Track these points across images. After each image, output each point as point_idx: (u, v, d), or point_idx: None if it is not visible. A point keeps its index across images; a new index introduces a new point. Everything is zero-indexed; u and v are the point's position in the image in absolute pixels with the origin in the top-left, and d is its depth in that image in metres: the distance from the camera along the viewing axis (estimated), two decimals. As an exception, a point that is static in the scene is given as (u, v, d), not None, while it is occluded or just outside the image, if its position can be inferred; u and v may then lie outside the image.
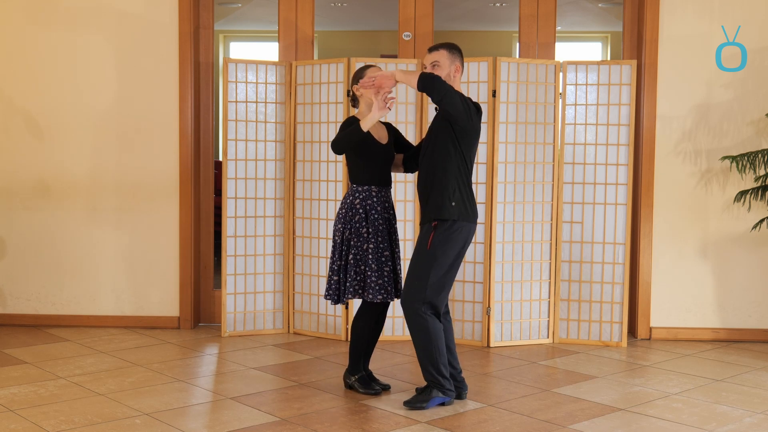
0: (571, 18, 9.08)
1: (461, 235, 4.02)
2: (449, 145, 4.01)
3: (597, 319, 5.46)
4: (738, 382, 4.63)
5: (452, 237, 4.00)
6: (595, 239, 5.46)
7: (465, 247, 4.07)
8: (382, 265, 4.17)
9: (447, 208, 3.99)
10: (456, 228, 4.00)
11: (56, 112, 5.76)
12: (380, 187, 4.22)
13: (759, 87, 5.51)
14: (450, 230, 3.99)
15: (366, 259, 4.15)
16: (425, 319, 4.00)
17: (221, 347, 5.32)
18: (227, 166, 5.59)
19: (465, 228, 4.02)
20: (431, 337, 4.01)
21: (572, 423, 3.88)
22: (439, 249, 3.98)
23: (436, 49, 4.12)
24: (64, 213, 5.79)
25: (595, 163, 5.46)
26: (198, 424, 3.83)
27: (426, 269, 3.99)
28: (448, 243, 3.99)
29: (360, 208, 4.17)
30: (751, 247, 5.56)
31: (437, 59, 4.09)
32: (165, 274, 5.78)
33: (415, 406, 4.02)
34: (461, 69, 4.14)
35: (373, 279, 4.14)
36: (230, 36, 10.28)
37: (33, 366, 4.78)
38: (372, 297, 4.14)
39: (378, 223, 4.17)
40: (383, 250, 4.18)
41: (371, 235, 4.15)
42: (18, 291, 5.85)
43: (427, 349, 4.03)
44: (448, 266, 4.02)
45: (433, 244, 3.99)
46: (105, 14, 5.72)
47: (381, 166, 4.22)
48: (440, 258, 3.99)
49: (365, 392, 4.27)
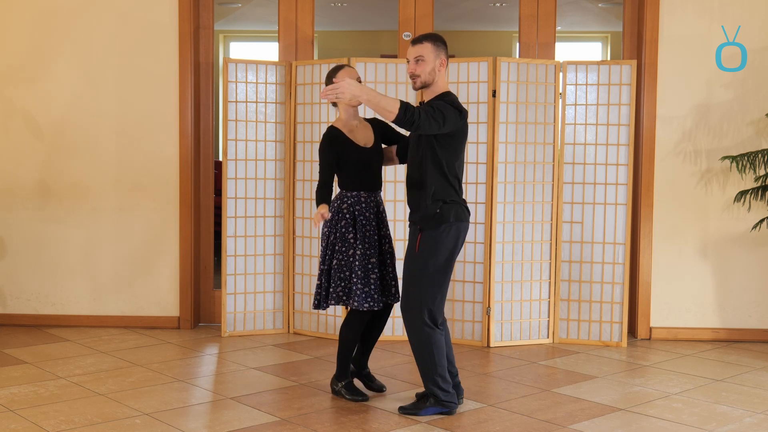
0: (571, 18, 9.09)
1: (449, 237, 3.86)
2: (432, 147, 3.85)
3: (597, 319, 5.46)
4: (738, 382, 4.63)
5: (440, 239, 3.86)
6: (595, 239, 5.46)
7: (457, 247, 3.91)
8: (369, 272, 4.05)
9: (431, 213, 3.86)
10: (443, 230, 3.85)
11: (56, 112, 5.77)
12: (369, 192, 4.12)
13: (759, 87, 5.51)
14: (436, 233, 3.85)
15: (351, 265, 4.05)
16: (426, 332, 3.89)
17: (221, 347, 5.32)
18: (227, 166, 5.59)
19: (453, 228, 3.87)
20: (432, 349, 3.90)
21: (572, 423, 3.88)
22: (428, 252, 3.86)
23: (419, 41, 3.88)
24: (64, 213, 5.79)
25: (595, 163, 5.46)
26: (198, 424, 3.83)
27: (418, 275, 3.88)
28: (437, 246, 3.86)
29: (347, 213, 4.07)
30: (751, 247, 5.56)
31: (421, 53, 3.86)
32: (165, 274, 5.78)
33: (408, 413, 3.97)
34: (446, 62, 3.92)
35: (358, 286, 4.03)
36: (230, 36, 10.29)
37: (33, 366, 4.78)
38: (357, 305, 4.03)
39: (366, 229, 4.08)
40: (370, 257, 4.07)
41: (358, 241, 4.05)
42: (18, 291, 5.85)
43: (427, 361, 3.92)
44: (440, 269, 3.87)
45: (421, 249, 3.88)
46: (105, 14, 5.72)
47: (367, 171, 4.12)
48: (430, 262, 3.86)
49: (352, 399, 4.17)
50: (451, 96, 3.90)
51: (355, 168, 4.09)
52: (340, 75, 4.06)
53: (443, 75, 3.93)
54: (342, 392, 4.22)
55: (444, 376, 3.94)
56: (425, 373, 3.95)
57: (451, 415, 3.97)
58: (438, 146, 3.84)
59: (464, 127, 3.89)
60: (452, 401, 3.98)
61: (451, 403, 3.97)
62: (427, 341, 3.90)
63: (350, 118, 4.15)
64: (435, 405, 3.96)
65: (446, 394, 3.95)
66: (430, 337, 3.90)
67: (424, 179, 3.89)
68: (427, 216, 3.88)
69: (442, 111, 3.74)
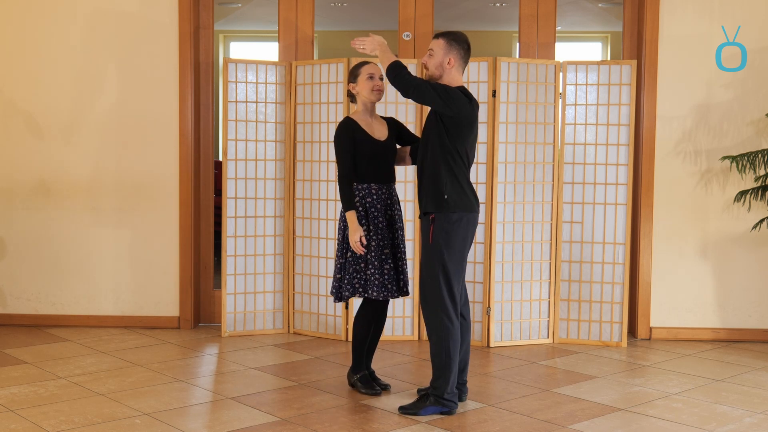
0: (571, 18, 9.08)
1: (460, 226, 3.94)
2: (440, 137, 3.93)
3: (597, 319, 5.46)
4: (738, 382, 4.62)
5: (452, 229, 3.92)
6: (595, 239, 5.46)
7: (469, 237, 3.99)
8: (383, 263, 4.14)
9: (441, 202, 3.93)
10: (455, 219, 3.92)
11: (56, 112, 5.76)
12: (380, 184, 4.19)
13: (759, 87, 5.51)
14: (448, 222, 3.92)
15: (366, 256, 4.13)
16: (445, 324, 3.92)
17: (221, 347, 5.32)
18: (227, 166, 5.59)
19: (464, 218, 3.94)
20: (449, 342, 3.93)
21: (572, 423, 3.88)
22: (442, 241, 3.92)
23: (436, 37, 4.04)
24: (64, 213, 5.79)
25: (595, 163, 5.46)
26: (198, 424, 3.83)
27: (435, 265, 3.93)
28: (450, 235, 3.93)
29: (359, 205, 4.14)
30: (751, 247, 5.56)
31: (433, 47, 4.02)
32: (165, 274, 5.78)
33: (408, 413, 3.97)
34: (456, 63, 4.00)
35: (376, 276, 4.11)
36: (230, 36, 10.29)
37: (33, 366, 4.78)
38: (375, 294, 4.12)
39: (378, 220, 4.15)
40: (383, 248, 4.15)
41: (371, 233, 4.13)
42: (18, 291, 5.85)
43: (442, 354, 3.94)
44: (456, 257, 3.94)
45: (435, 238, 3.94)
46: (105, 14, 5.71)
47: (380, 163, 4.19)
48: (445, 250, 3.92)
49: (366, 392, 4.26)
50: (462, 88, 3.99)
51: (367, 159, 4.16)
52: (363, 70, 4.22)
53: (452, 73, 4.01)
54: (357, 385, 4.30)
55: (455, 371, 3.97)
56: (438, 365, 3.95)
57: (452, 415, 3.97)
58: (446, 133, 3.92)
59: (471, 115, 3.95)
60: (453, 400, 3.98)
61: (452, 402, 3.98)
62: (446, 334, 3.93)
63: (367, 112, 4.26)
64: (435, 404, 3.96)
65: (450, 393, 3.97)
66: (449, 330, 3.93)
67: (433, 169, 3.96)
68: (436, 204, 3.94)
69: (446, 89, 3.89)
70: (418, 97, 3.90)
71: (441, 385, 3.96)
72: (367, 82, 4.20)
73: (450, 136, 3.92)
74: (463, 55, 4.04)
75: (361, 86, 4.21)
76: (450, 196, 3.93)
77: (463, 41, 4.04)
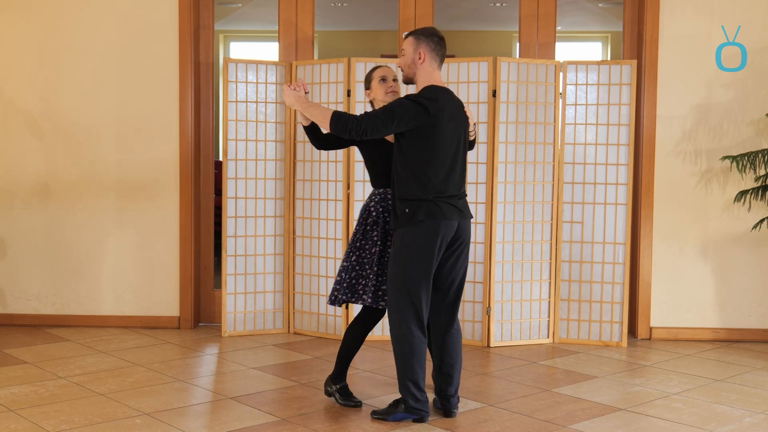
0: (571, 18, 9.09)
1: (422, 235, 3.72)
2: (400, 147, 3.78)
3: (597, 318, 5.46)
4: (738, 382, 4.63)
5: (413, 239, 3.73)
6: (595, 239, 5.46)
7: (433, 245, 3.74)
8: (385, 270, 4.01)
9: (401, 215, 3.77)
10: (415, 229, 3.72)
11: (56, 112, 5.77)
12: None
13: (759, 87, 5.51)
14: (408, 232, 3.75)
15: (372, 262, 4.01)
16: (405, 334, 3.78)
17: (221, 347, 5.32)
18: (227, 166, 5.59)
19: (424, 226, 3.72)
20: (409, 353, 3.79)
21: (572, 423, 3.88)
22: (404, 252, 3.77)
23: (406, 36, 3.87)
24: (64, 213, 5.79)
25: (595, 163, 5.46)
26: (198, 424, 3.83)
27: (396, 275, 3.79)
28: (410, 245, 3.75)
29: (373, 210, 4.05)
30: (751, 247, 5.56)
31: (404, 47, 3.85)
32: (165, 274, 5.78)
33: (378, 417, 3.89)
34: (427, 57, 3.79)
35: (379, 283, 3.99)
36: (230, 36, 10.29)
37: (33, 366, 4.78)
38: (371, 302, 3.97)
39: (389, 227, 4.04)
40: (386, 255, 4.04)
41: (379, 238, 4.02)
42: (18, 291, 5.85)
43: (402, 364, 3.82)
44: (417, 268, 3.74)
45: (397, 248, 3.80)
46: (105, 14, 5.72)
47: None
48: (405, 262, 3.76)
49: (345, 404, 4.10)
50: (427, 90, 3.77)
51: (383, 163, 4.03)
52: (375, 74, 4.11)
53: (424, 69, 3.82)
54: (336, 396, 4.14)
55: (416, 382, 3.79)
56: (399, 375, 3.84)
57: (423, 422, 3.85)
58: (405, 144, 3.76)
59: (433, 120, 3.71)
60: (422, 409, 3.83)
61: (421, 411, 3.83)
62: (406, 344, 3.79)
63: None
64: (405, 411, 3.85)
65: (416, 401, 3.81)
66: (410, 341, 3.78)
67: (394, 179, 3.83)
68: (396, 216, 3.81)
69: (392, 109, 3.68)
70: (373, 131, 3.65)
71: (404, 394, 3.84)
72: (380, 85, 4.08)
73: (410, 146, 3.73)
74: (434, 48, 3.81)
75: (375, 91, 4.09)
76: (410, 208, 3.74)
77: (431, 34, 3.83)
